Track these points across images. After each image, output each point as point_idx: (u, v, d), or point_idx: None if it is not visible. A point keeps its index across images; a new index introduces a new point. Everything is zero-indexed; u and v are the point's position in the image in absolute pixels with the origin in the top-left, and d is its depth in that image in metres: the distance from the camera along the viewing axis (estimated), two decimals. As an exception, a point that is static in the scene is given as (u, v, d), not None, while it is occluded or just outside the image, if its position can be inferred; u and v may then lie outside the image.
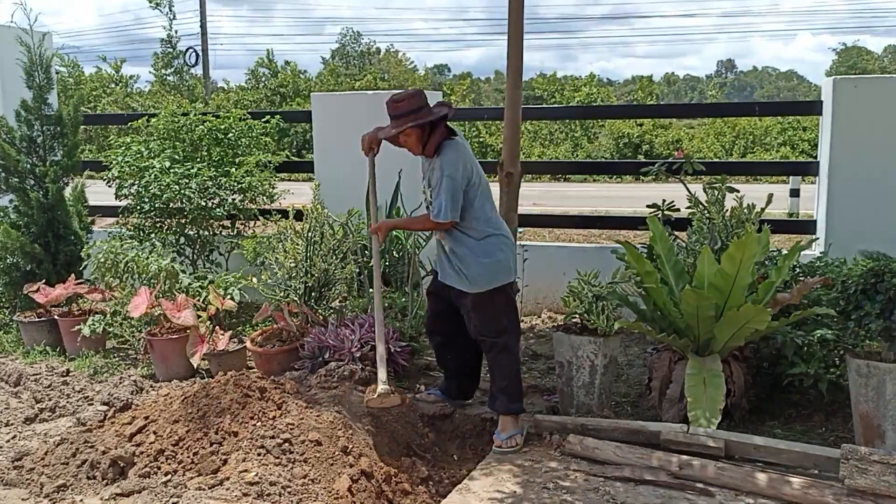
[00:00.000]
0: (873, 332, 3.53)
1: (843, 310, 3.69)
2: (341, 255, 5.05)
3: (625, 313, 4.17)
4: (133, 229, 5.96)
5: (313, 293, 5.10)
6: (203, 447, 3.25)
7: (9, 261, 5.71)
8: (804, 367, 3.80)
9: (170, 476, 3.11)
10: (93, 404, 4.31)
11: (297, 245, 5.06)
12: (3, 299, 5.98)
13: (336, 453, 3.23)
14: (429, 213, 3.72)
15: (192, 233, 6.00)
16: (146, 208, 5.75)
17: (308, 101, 7.86)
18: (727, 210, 4.47)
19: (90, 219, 6.10)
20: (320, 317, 4.94)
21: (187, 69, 29.04)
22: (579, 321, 4.09)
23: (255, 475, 2.96)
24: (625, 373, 4.75)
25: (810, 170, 6.10)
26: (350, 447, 3.29)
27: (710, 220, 4.44)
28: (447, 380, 4.13)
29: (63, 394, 4.48)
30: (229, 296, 5.00)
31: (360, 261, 5.06)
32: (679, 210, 5.10)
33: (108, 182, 6.00)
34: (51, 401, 4.35)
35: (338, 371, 4.16)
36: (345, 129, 6.15)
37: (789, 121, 23.78)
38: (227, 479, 2.97)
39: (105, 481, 3.22)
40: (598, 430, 3.58)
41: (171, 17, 27.79)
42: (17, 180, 5.71)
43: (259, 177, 6.03)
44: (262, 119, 6.46)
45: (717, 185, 4.58)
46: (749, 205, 4.43)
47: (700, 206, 4.60)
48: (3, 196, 5.85)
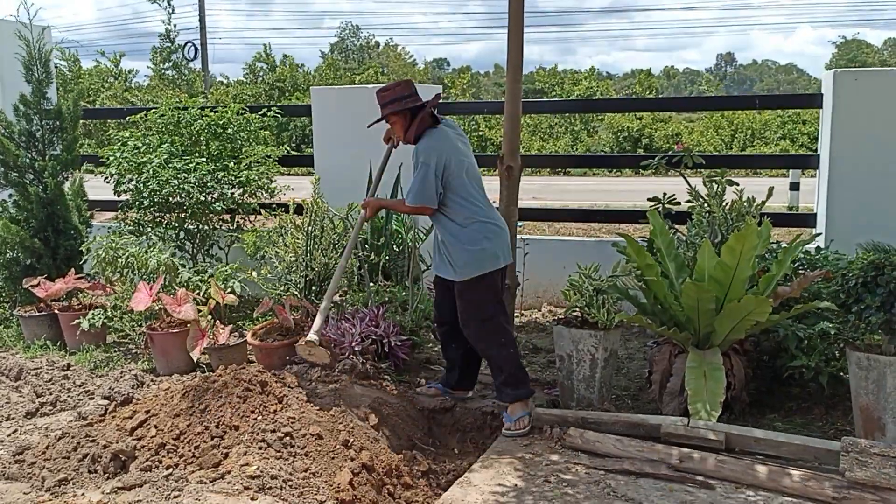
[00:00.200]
0: (874, 325, 3.53)
1: (844, 303, 3.69)
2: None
3: (625, 307, 4.17)
4: (132, 224, 5.96)
5: (313, 287, 5.10)
6: (204, 441, 3.26)
7: (9, 255, 5.71)
8: (804, 360, 3.80)
9: (171, 470, 3.11)
10: (94, 398, 4.31)
11: (298, 239, 5.06)
12: (4, 294, 5.97)
13: (337, 447, 3.24)
14: None
15: (191, 227, 6.00)
16: (145, 203, 5.75)
17: (306, 96, 7.82)
18: (727, 203, 4.46)
19: (89, 213, 6.10)
20: (320, 311, 4.94)
21: (186, 63, 28.98)
22: (580, 315, 4.09)
23: (257, 469, 2.97)
24: (625, 366, 4.75)
25: (810, 163, 6.09)
26: (351, 441, 3.30)
27: (711, 214, 4.43)
28: (448, 371, 4.15)
29: (64, 388, 4.48)
30: (230, 289, 5.00)
31: (360, 255, 5.06)
32: (679, 203, 5.10)
33: (106, 179, 6.00)
34: (51, 395, 4.35)
35: (338, 365, 4.17)
36: (344, 123, 6.14)
37: (789, 114, 23.79)
38: (229, 472, 2.97)
39: (106, 475, 3.23)
40: (598, 424, 3.59)
41: (170, 11, 27.74)
42: (16, 175, 5.71)
43: (257, 171, 6.02)
44: (260, 113, 6.45)
45: (717, 179, 4.58)
46: (749, 198, 4.42)
47: (700, 200, 4.60)
48: (2, 191, 5.84)
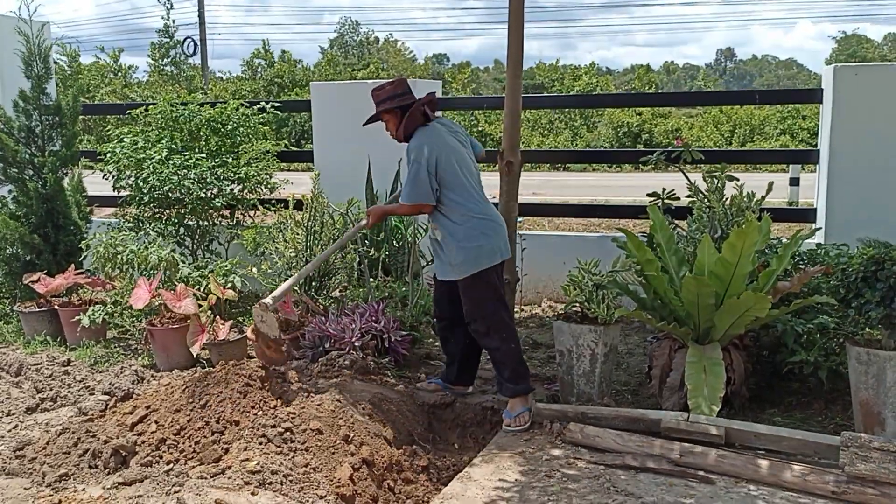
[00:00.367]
0: (873, 320, 3.53)
1: (844, 298, 3.69)
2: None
3: (625, 302, 4.17)
4: (132, 220, 5.96)
5: (313, 283, 5.10)
6: (205, 436, 3.26)
7: (8, 251, 5.70)
8: (804, 355, 3.81)
9: (171, 465, 3.12)
10: (94, 394, 4.32)
11: (297, 235, 5.06)
12: (4, 289, 5.97)
13: (337, 442, 3.24)
14: None
15: (191, 223, 6.00)
16: (145, 199, 5.75)
17: (305, 91, 7.82)
18: (727, 198, 4.46)
19: (89, 209, 6.09)
20: (320, 306, 4.94)
21: (184, 59, 28.95)
22: (580, 310, 4.09)
23: (257, 464, 2.97)
24: (625, 361, 4.76)
25: (810, 158, 6.09)
26: (351, 436, 3.30)
27: (710, 209, 4.43)
28: (448, 366, 4.15)
29: (64, 384, 4.48)
30: (230, 284, 5.00)
31: (360, 250, 5.06)
32: (679, 199, 5.10)
33: (105, 175, 5.99)
34: (52, 391, 4.35)
35: (338, 360, 4.18)
36: (344, 118, 6.13)
37: (788, 109, 23.74)
38: (229, 467, 2.97)
39: (107, 470, 3.24)
40: (598, 419, 3.59)
41: (169, 7, 27.72)
42: (15, 171, 5.70)
43: (257, 167, 6.01)
44: (258, 107, 6.44)
45: (717, 174, 4.58)
46: (749, 193, 4.42)
47: (700, 195, 4.60)
48: (1, 186, 5.83)
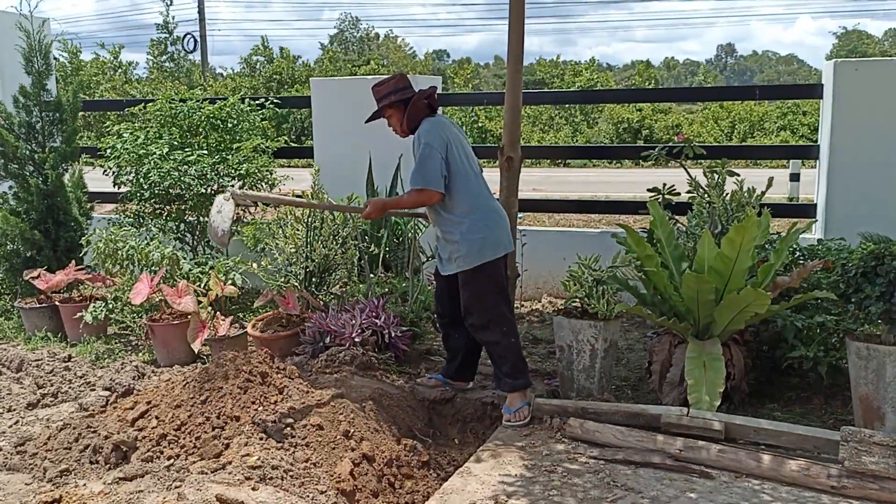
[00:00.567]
0: (873, 315, 3.53)
1: (844, 293, 3.68)
2: (341, 241, 5.05)
3: (625, 297, 4.17)
4: (132, 216, 5.96)
5: (314, 278, 5.10)
6: (205, 431, 3.27)
7: (9, 247, 5.70)
8: (804, 350, 3.81)
9: (172, 460, 3.12)
10: (95, 390, 4.32)
11: (297, 230, 5.06)
12: (4, 286, 5.98)
13: (338, 437, 3.25)
14: None
15: (192, 219, 6.00)
16: (146, 195, 5.74)
17: (305, 87, 7.82)
18: (727, 194, 4.46)
19: (89, 205, 6.09)
20: (321, 302, 4.95)
21: (184, 55, 28.92)
22: (580, 305, 4.10)
23: (258, 459, 2.98)
24: (625, 357, 4.76)
25: (811, 154, 6.08)
26: (351, 431, 3.31)
27: (711, 204, 4.43)
28: (449, 362, 4.15)
29: (65, 379, 4.49)
30: (230, 281, 5.01)
31: (360, 246, 5.06)
32: (679, 194, 5.10)
33: (105, 171, 5.99)
34: (53, 386, 4.36)
35: (339, 356, 4.18)
36: (344, 113, 6.13)
37: (788, 105, 23.72)
38: (230, 463, 2.98)
39: (108, 466, 3.24)
40: (598, 414, 3.59)
41: (168, 3, 27.68)
42: (16, 166, 5.70)
43: (257, 163, 6.01)
44: (257, 103, 6.43)
45: (718, 170, 4.57)
46: (749, 188, 4.42)
47: (700, 191, 4.60)
48: (2, 182, 5.84)
